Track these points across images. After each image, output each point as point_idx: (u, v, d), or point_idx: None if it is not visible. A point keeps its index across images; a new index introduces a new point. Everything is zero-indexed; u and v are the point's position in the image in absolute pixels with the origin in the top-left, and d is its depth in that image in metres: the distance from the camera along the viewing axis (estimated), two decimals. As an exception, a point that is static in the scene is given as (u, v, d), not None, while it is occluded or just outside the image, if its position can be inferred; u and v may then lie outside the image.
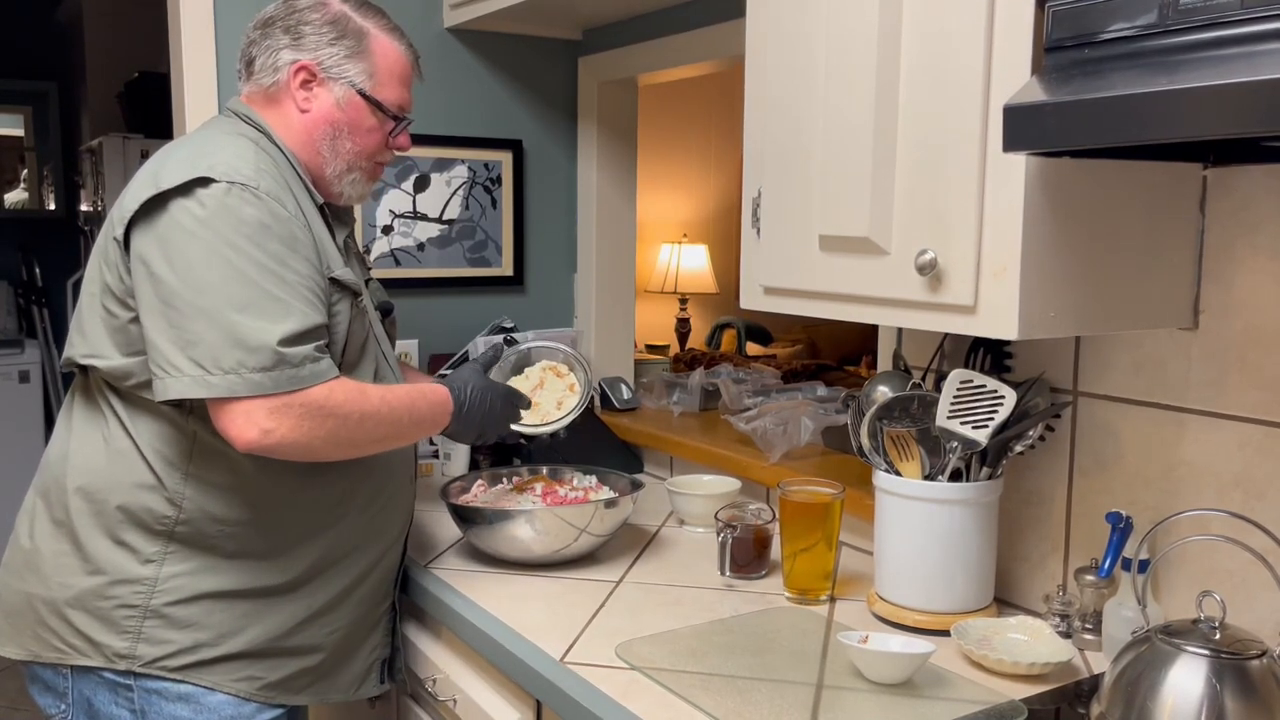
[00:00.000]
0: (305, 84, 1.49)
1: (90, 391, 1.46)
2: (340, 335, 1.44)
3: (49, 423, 4.64)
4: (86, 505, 1.42)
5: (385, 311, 1.65)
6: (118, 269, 1.38)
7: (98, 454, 1.43)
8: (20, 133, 5.28)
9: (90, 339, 1.42)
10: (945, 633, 1.39)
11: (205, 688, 1.43)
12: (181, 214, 1.33)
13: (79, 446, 1.45)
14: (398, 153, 1.60)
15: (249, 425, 1.31)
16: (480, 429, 1.62)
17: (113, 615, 1.40)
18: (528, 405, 1.73)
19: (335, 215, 1.55)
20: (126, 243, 1.37)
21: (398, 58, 1.54)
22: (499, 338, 2.39)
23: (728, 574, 1.63)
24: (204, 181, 1.33)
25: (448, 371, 2.02)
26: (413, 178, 2.46)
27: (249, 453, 1.34)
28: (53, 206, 5.31)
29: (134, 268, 1.35)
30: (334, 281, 1.43)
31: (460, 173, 2.51)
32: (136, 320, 1.37)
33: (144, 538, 1.41)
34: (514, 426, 1.72)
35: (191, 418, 1.40)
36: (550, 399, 1.82)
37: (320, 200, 1.51)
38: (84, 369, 1.46)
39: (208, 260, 1.31)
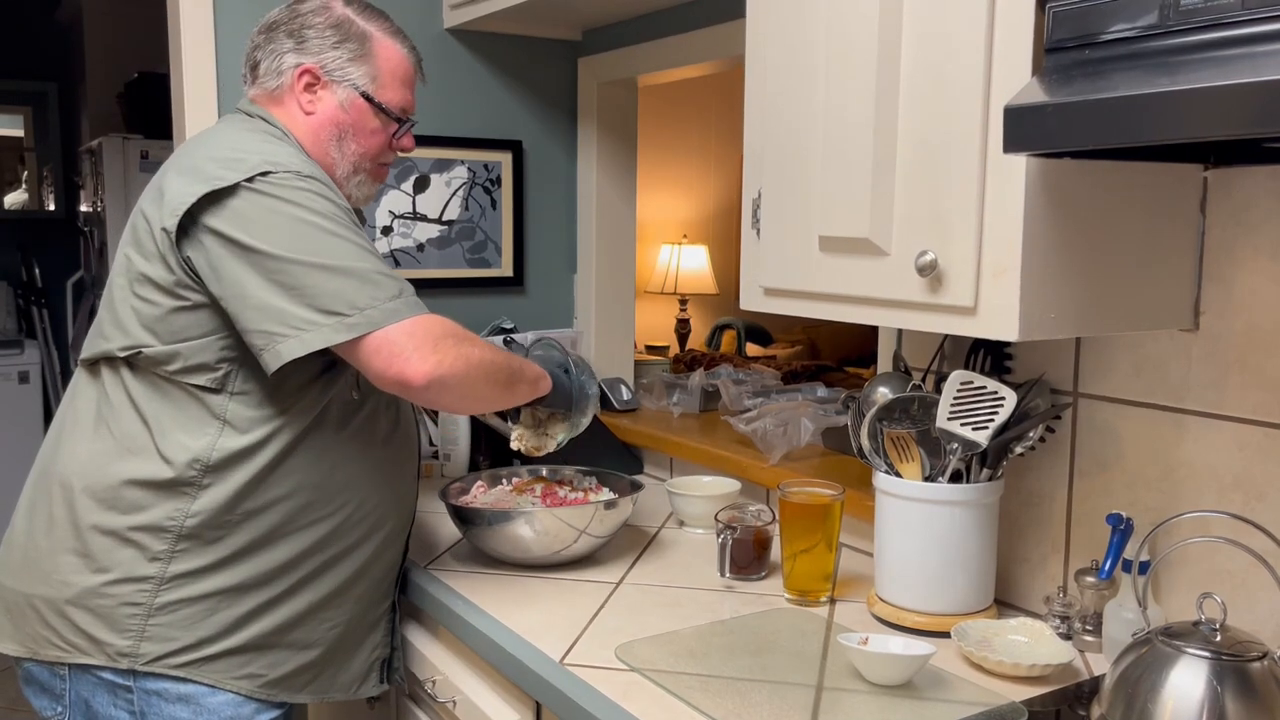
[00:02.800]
0: (309, 87, 1.52)
1: (100, 387, 1.46)
2: None
3: (49, 423, 4.63)
4: (90, 503, 1.41)
5: None
6: (163, 260, 1.39)
7: (104, 451, 1.42)
8: (20, 133, 5.28)
9: (129, 331, 1.42)
10: (945, 634, 1.39)
11: (208, 686, 1.43)
12: (258, 198, 1.36)
13: (83, 444, 1.44)
14: (401, 153, 1.63)
15: (420, 358, 1.34)
16: (568, 405, 1.66)
17: (116, 613, 1.40)
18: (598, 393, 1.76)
19: None
20: (178, 236, 1.37)
21: (400, 60, 1.57)
22: (499, 339, 2.39)
23: (727, 575, 1.63)
24: (265, 173, 1.37)
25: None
26: (412, 178, 2.46)
27: (425, 387, 1.35)
28: (52, 207, 5.31)
29: (215, 253, 1.36)
30: None
31: (460, 173, 2.51)
32: (186, 309, 1.39)
33: (151, 535, 1.40)
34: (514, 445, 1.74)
35: (231, 403, 1.41)
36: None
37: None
38: (96, 364, 1.46)
39: (303, 230, 1.35)
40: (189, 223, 1.37)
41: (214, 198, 1.36)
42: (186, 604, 1.41)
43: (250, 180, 1.36)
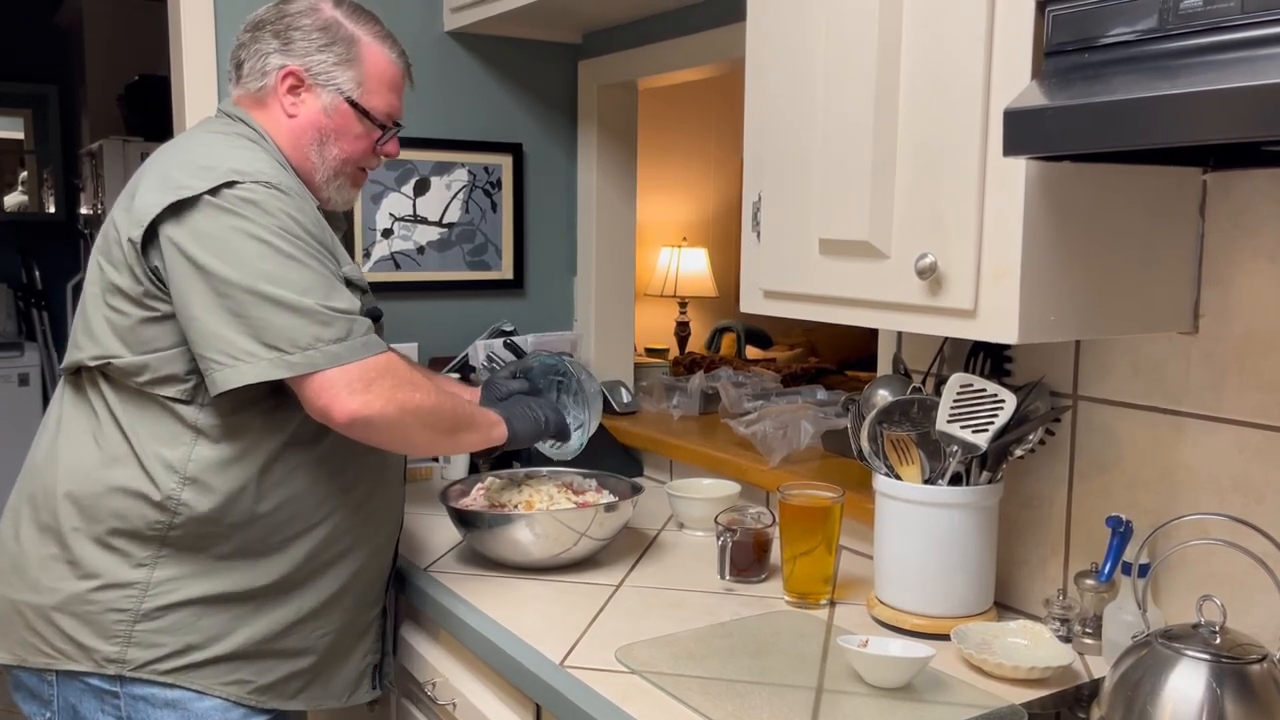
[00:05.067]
0: (293, 89, 1.50)
1: (83, 395, 1.45)
2: None
3: (48, 426, 4.64)
4: (75, 510, 1.41)
5: (374, 318, 1.66)
6: (131, 271, 1.38)
7: (89, 458, 1.42)
8: (20, 135, 5.28)
9: (100, 340, 1.41)
10: (945, 636, 1.39)
11: (195, 692, 1.42)
12: (217, 211, 1.34)
13: (68, 451, 1.44)
14: (386, 159, 1.61)
15: (350, 396, 1.34)
16: (536, 438, 1.69)
17: (102, 619, 1.40)
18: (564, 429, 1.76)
19: (328, 218, 1.57)
20: (143, 245, 1.37)
21: (387, 65, 1.54)
22: (498, 341, 2.40)
23: (727, 578, 1.63)
24: (230, 184, 1.35)
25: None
26: (413, 181, 2.46)
27: (349, 426, 1.36)
28: (52, 209, 5.31)
29: (172, 266, 1.35)
30: (344, 279, 1.45)
31: (460, 176, 2.52)
32: (154, 320, 1.38)
33: (135, 542, 1.40)
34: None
35: (202, 413, 1.40)
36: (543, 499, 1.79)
37: (317, 203, 1.52)
38: (78, 372, 1.46)
39: (258, 252, 1.33)
40: (154, 233, 1.36)
41: (177, 209, 1.34)
42: (173, 610, 1.41)
43: (214, 191, 1.34)
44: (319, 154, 1.52)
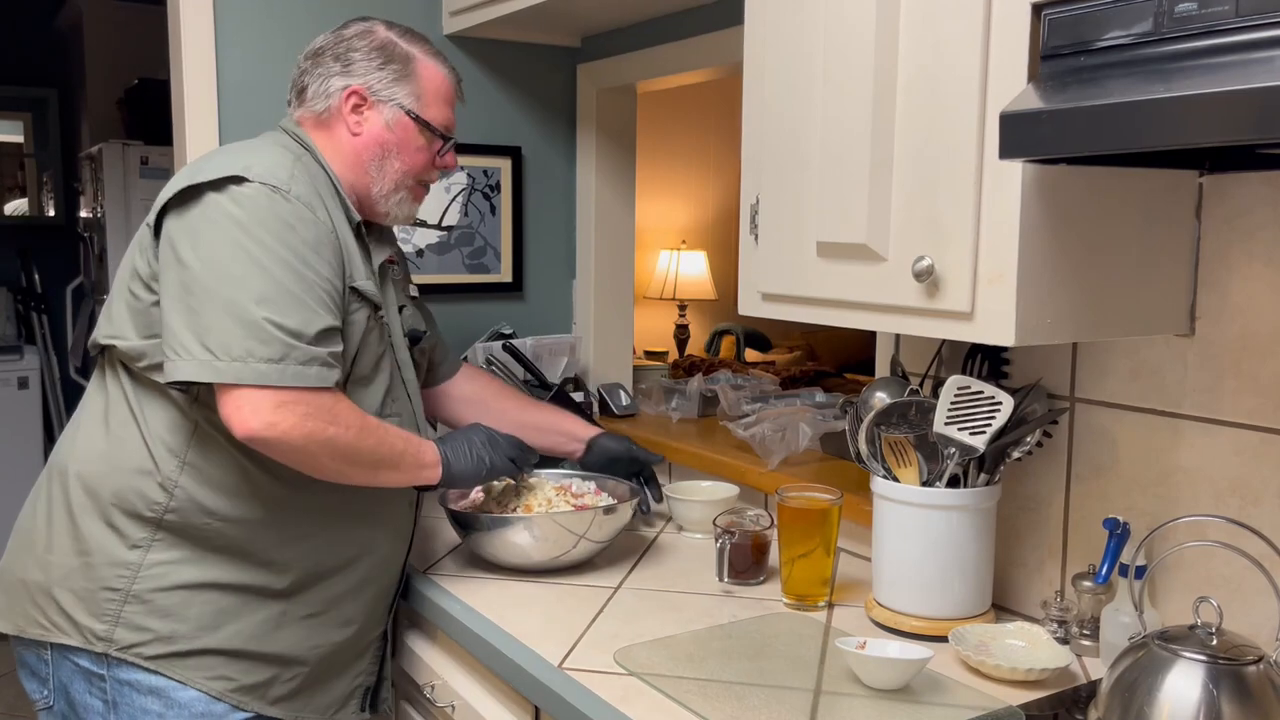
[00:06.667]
0: (356, 108, 1.55)
1: (103, 377, 1.51)
2: (353, 345, 1.47)
3: (48, 429, 4.64)
4: (83, 488, 1.45)
5: (414, 340, 1.66)
6: (147, 254, 1.43)
7: (98, 439, 1.47)
8: (20, 139, 5.28)
9: (115, 321, 1.47)
10: (943, 638, 1.39)
11: (177, 681, 1.44)
12: (212, 207, 1.38)
13: (84, 431, 1.49)
14: (443, 171, 1.65)
15: (254, 414, 1.34)
16: (475, 481, 1.64)
17: (96, 597, 1.43)
18: (534, 459, 1.74)
19: (377, 237, 1.59)
20: (158, 230, 1.42)
21: (442, 80, 1.61)
22: (497, 344, 2.40)
23: (726, 580, 1.63)
24: (238, 180, 1.38)
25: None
26: (412, 184, 2.46)
27: (247, 442, 1.36)
28: (52, 213, 5.31)
29: (161, 253, 1.40)
30: (354, 291, 1.47)
31: (459, 179, 2.52)
32: (159, 304, 1.41)
33: (133, 522, 1.43)
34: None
35: (196, 406, 1.43)
36: (540, 501, 1.78)
37: (358, 219, 1.54)
38: (104, 352, 1.51)
39: (232, 252, 1.35)
40: (163, 219, 1.41)
41: (184, 198, 1.39)
42: (162, 594, 1.43)
43: (220, 184, 1.38)
44: (379, 169, 1.56)
